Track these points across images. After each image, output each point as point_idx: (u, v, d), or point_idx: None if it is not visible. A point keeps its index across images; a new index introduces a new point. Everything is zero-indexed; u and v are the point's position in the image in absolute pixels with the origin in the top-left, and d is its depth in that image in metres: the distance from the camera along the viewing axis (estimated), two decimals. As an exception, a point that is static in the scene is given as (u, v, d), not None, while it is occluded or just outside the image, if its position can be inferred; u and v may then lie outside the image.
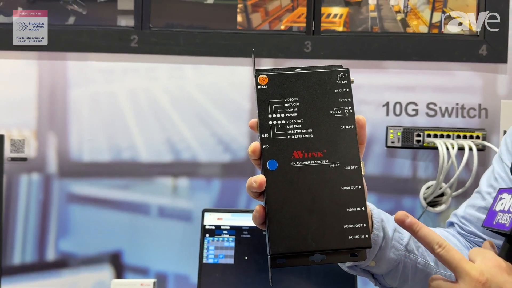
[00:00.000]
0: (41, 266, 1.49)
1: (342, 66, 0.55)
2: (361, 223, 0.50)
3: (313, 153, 0.52)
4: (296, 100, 0.53)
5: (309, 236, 0.50)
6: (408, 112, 1.50)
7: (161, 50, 1.49)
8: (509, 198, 0.52)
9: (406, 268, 0.66)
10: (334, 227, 0.50)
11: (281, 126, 0.52)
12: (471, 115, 1.49)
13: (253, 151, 0.51)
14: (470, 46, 1.48)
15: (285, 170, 0.51)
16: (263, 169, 0.51)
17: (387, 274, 0.67)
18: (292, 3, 1.52)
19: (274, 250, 0.49)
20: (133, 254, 1.50)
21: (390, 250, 0.64)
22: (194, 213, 1.49)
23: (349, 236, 0.50)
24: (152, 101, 1.51)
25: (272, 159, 0.51)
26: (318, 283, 1.32)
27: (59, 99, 1.50)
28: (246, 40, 1.50)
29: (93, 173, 1.50)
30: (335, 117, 0.53)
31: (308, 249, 0.50)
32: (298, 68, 0.54)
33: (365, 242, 0.50)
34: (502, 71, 1.48)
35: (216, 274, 1.32)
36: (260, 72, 0.53)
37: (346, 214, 0.51)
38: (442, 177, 1.43)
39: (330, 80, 0.53)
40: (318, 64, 1.60)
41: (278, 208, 0.51)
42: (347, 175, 0.51)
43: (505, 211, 0.52)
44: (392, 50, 1.49)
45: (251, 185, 0.51)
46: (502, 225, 0.51)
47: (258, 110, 0.53)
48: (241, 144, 1.50)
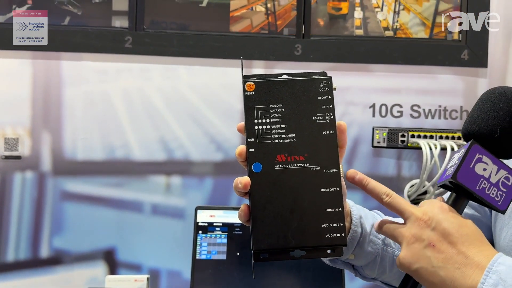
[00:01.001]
0: (35, 263, 1.51)
1: (326, 73, 0.57)
2: (337, 222, 0.54)
3: (295, 157, 0.55)
4: (281, 106, 0.56)
5: (289, 233, 0.53)
6: (393, 114, 1.56)
7: (154, 51, 1.53)
8: (457, 154, 0.57)
9: (384, 260, 0.71)
10: (313, 226, 0.54)
11: (266, 131, 0.55)
12: (453, 116, 1.56)
13: (239, 154, 0.55)
14: (452, 51, 1.55)
15: (269, 172, 0.55)
16: (249, 171, 0.55)
17: (366, 266, 0.71)
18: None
19: (256, 246, 0.53)
20: (126, 251, 1.53)
21: (368, 245, 0.68)
22: (186, 210, 1.52)
23: (327, 235, 0.54)
24: (145, 101, 1.54)
25: (257, 162, 0.55)
26: (307, 277, 1.37)
27: (53, 98, 1.52)
28: (238, 42, 1.54)
29: (87, 171, 1.52)
30: (317, 123, 0.56)
31: (288, 245, 0.53)
32: (285, 75, 0.57)
33: (341, 240, 0.54)
34: (483, 75, 1.55)
35: (209, 269, 1.36)
36: (247, 79, 0.56)
37: (324, 214, 0.54)
38: (425, 176, 1.49)
39: (314, 88, 0.56)
40: (307, 67, 1.65)
41: (261, 208, 0.54)
42: (326, 178, 0.55)
43: (452, 165, 0.57)
44: (379, 54, 1.55)
45: (237, 186, 0.54)
46: (447, 176, 0.56)
47: (245, 115, 0.56)
48: (233, 143, 1.54)
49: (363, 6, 1.60)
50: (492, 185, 0.55)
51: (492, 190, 0.55)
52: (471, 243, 0.53)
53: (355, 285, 1.53)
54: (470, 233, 0.54)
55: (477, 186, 0.54)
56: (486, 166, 0.55)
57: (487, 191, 0.54)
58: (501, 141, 0.55)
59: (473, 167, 0.54)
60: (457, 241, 0.53)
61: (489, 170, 0.55)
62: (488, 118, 0.55)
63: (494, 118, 0.55)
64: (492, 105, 0.56)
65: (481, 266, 0.51)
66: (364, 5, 1.59)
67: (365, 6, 1.59)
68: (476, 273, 0.51)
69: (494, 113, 0.55)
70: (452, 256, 0.52)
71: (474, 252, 0.52)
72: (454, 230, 0.53)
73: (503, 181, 0.55)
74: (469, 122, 0.57)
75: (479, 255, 0.52)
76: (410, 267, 0.54)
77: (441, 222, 0.54)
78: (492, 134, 0.55)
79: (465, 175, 0.54)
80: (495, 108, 0.55)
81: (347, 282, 1.38)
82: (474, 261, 0.52)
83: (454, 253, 0.52)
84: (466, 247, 0.53)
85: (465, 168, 0.54)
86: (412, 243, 0.54)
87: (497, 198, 0.55)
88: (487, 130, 0.55)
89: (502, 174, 0.55)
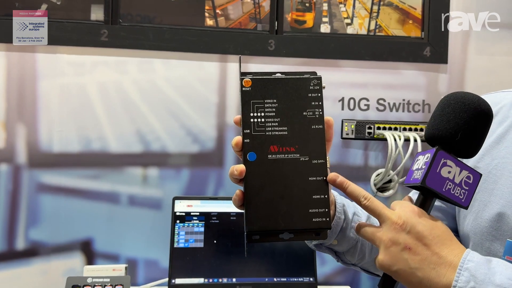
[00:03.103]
0: (11, 255, 1.50)
1: (316, 73, 0.62)
2: (323, 208, 0.59)
3: (287, 148, 0.60)
4: (275, 101, 0.61)
5: (279, 217, 0.59)
6: (360, 107, 1.64)
7: (130, 44, 1.54)
8: (422, 158, 0.63)
9: (364, 246, 0.77)
10: (301, 210, 0.59)
11: (261, 123, 0.60)
12: (415, 110, 1.66)
13: (236, 144, 0.60)
14: (415, 48, 1.64)
15: (262, 161, 0.59)
16: (244, 160, 0.60)
17: (347, 252, 0.78)
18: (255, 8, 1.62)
19: (249, 228, 0.58)
20: (103, 242, 1.54)
21: (350, 230, 0.74)
22: (164, 201, 1.56)
23: (313, 219, 0.59)
24: (122, 94, 1.55)
25: (251, 151, 0.60)
26: (281, 262, 1.43)
27: (28, 90, 1.52)
28: (214, 37, 1.58)
29: (63, 164, 1.53)
30: (307, 118, 0.61)
31: (278, 228, 0.59)
32: (279, 73, 0.62)
33: (326, 224, 0.59)
34: (443, 71, 1.65)
35: (187, 257, 1.40)
36: (245, 76, 0.62)
37: (311, 201, 0.59)
38: (390, 165, 1.58)
39: (305, 86, 0.61)
40: (280, 62, 1.72)
41: (254, 193, 0.59)
42: (314, 168, 0.60)
43: (419, 169, 0.61)
44: (347, 50, 1.62)
45: (233, 173, 0.59)
46: (416, 179, 0.61)
47: (242, 109, 0.60)
48: (209, 135, 1.58)
49: (332, 18, 1.63)
50: (456, 185, 0.59)
51: (456, 190, 0.59)
52: (443, 243, 0.57)
53: (326, 269, 1.61)
54: (441, 234, 0.58)
55: (443, 188, 0.59)
56: (450, 169, 0.59)
57: (452, 191, 0.59)
58: (462, 144, 0.60)
59: (439, 171, 0.59)
60: (431, 243, 0.57)
61: (453, 172, 0.59)
62: (450, 124, 0.60)
63: (455, 124, 0.60)
64: (453, 112, 0.61)
65: (453, 265, 0.56)
66: (333, 14, 1.63)
67: (334, 14, 1.63)
68: (449, 271, 0.56)
69: (454, 120, 0.60)
70: (427, 257, 0.57)
71: (446, 252, 0.57)
72: (427, 233, 0.57)
73: (465, 181, 0.60)
74: (432, 128, 0.62)
75: (450, 254, 0.57)
76: (390, 268, 0.58)
77: (415, 226, 0.58)
78: (454, 138, 0.60)
79: (433, 180, 0.59)
80: (455, 115, 0.60)
81: (319, 267, 1.46)
82: (447, 261, 0.56)
83: (429, 255, 0.57)
84: (439, 247, 0.57)
85: (432, 173, 0.59)
86: (389, 246, 0.58)
87: (460, 196, 0.60)
88: (450, 135, 0.60)
89: (464, 174, 0.60)
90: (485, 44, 1.65)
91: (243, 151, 0.60)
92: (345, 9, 1.65)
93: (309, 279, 1.42)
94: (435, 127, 0.62)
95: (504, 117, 0.78)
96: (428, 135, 0.63)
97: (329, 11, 1.64)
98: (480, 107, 0.61)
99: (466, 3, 1.64)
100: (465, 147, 0.61)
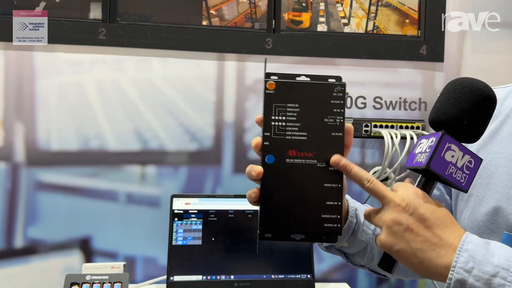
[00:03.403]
0: (9, 253, 1.51)
1: (341, 78, 0.62)
2: (335, 214, 0.60)
3: (305, 153, 0.61)
4: (297, 106, 0.61)
5: (292, 220, 0.60)
6: (357, 105, 1.65)
7: (128, 43, 1.55)
8: (426, 142, 0.63)
9: (373, 248, 0.79)
10: (314, 215, 0.60)
11: (281, 127, 0.61)
12: (412, 108, 1.67)
13: (255, 145, 0.61)
14: (412, 46, 1.65)
15: (280, 164, 0.60)
16: (262, 162, 0.61)
17: (357, 254, 0.79)
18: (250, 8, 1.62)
19: (262, 227, 0.60)
20: (102, 240, 1.55)
21: (361, 234, 0.76)
22: (162, 199, 1.56)
23: (325, 224, 0.60)
24: (119, 92, 1.56)
25: (270, 154, 0.61)
26: (279, 260, 1.44)
27: (26, 89, 1.52)
28: (211, 35, 1.58)
29: (61, 162, 1.53)
30: (328, 125, 0.61)
31: (290, 230, 0.60)
32: (303, 75, 0.62)
33: (336, 230, 0.60)
34: (439, 69, 1.66)
35: (185, 254, 1.41)
36: (269, 77, 0.62)
37: (325, 206, 0.60)
38: (387, 163, 1.59)
39: (328, 92, 0.62)
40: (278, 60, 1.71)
41: (270, 195, 0.60)
42: (330, 175, 0.61)
43: (422, 152, 0.62)
44: (344, 49, 1.63)
45: (250, 173, 0.61)
46: (419, 163, 0.62)
47: (264, 111, 0.61)
48: (207, 133, 1.59)
49: (328, 17, 1.64)
50: (458, 169, 0.61)
51: (458, 174, 0.61)
52: (444, 226, 0.59)
53: (323, 266, 1.62)
54: (443, 217, 0.59)
55: (446, 172, 0.60)
56: (454, 154, 0.61)
57: (454, 175, 0.61)
58: (467, 129, 0.62)
59: (444, 156, 0.60)
60: (432, 225, 0.58)
61: (456, 157, 0.61)
62: (456, 109, 0.61)
63: (461, 110, 0.61)
64: (459, 97, 0.62)
65: (453, 246, 0.57)
66: (330, 13, 1.64)
67: (331, 14, 1.64)
68: (449, 253, 0.57)
69: (461, 105, 0.61)
70: (429, 239, 0.58)
71: (447, 234, 0.58)
72: (429, 215, 0.59)
73: (467, 165, 0.61)
74: (438, 112, 0.63)
75: (451, 236, 0.58)
76: (392, 248, 0.59)
77: (418, 208, 0.59)
78: (460, 123, 0.61)
79: (437, 163, 0.60)
80: (462, 100, 0.61)
81: (316, 264, 1.47)
82: (447, 242, 0.58)
83: (430, 236, 0.58)
84: (441, 230, 0.58)
85: (437, 157, 0.60)
86: (391, 226, 0.59)
87: (461, 180, 0.61)
88: (456, 120, 0.61)
89: (466, 159, 0.61)
90: (481, 43, 1.67)
91: (261, 152, 0.61)
92: (342, 9, 1.65)
93: (307, 276, 1.43)
94: (441, 112, 0.63)
95: (497, 113, 0.79)
96: (434, 120, 0.64)
97: (326, 10, 1.65)
98: (485, 92, 0.62)
99: (464, 3, 1.65)
100: (470, 132, 0.62)
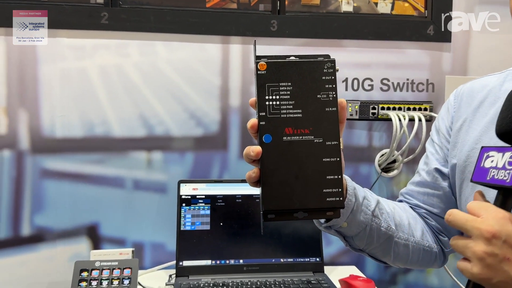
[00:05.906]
0: (17, 241, 1.50)
1: (329, 56, 0.63)
2: (337, 188, 0.61)
3: (301, 130, 0.61)
4: (290, 84, 0.62)
5: (294, 197, 0.60)
6: (364, 87, 1.64)
7: (131, 27, 1.52)
8: (500, 155, 0.59)
9: (372, 230, 0.78)
10: (315, 190, 0.61)
11: (276, 106, 0.61)
12: (419, 89, 1.65)
13: (251, 126, 0.61)
14: (419, 26, 1.63)
15: (277, 143, 0.61)
16: (259, 142, 0.61)
17: (356, 236, 0.79)
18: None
19: (265, 207, 0.60)
20: (109, 226, 1.54)
21: (360, 214, 0.76)
22: (168, 185, 1.55)
23: (327, 198, 0.60)
24: (123, 77, 1.54)
25: (267, 133, 0.61)
26: (287, 243, 1.44)
27: (29, 75, 1.50)
28: (215, 18, 1.56)
29: (67, 149, 1.52)
30: (321, 100, 0.62)
31: (293, 207, 0.60)
32: (292, 56, 0.63)
33: (339, 203, 0.61)
34: (447, 50, 1.64)
35: (193, 239, 1.40)
36: (259, 59, 0.62)
37: (325, 181, 0.61)
38: (395, 145, 1.58)
39: (319, 69, 0.62)
40: (283, 43, 1.69)
41: (270, 174, 0.60)
42: (328, 149, 0.61)
43: (501, 168, 0.58)
44: (350, 30, 1.61)
45: (249, 154, 0.60)
46: (502, 181, 0.57)
47: (257, 92, 0.61)
48: (212, 118, 1.57)
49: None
50: None
51: None
52: None
53: (332, 250, 1.62)
54: None
55: None
56: None
57: None
58: None
59: None
60: None
61: None
62: None
63: None
64: None
65: None
66: None
67: None
68: None
69: None
70: None
71: None
72: None
73: None
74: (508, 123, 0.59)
75: None
76: (489, 282, 0.55)
77: (510, 234, 0.55)
78: None
79: None
80: None
81: (325, 247, 1.47)
82: None
83: None
84: None
85: None
86: (484, 258, 0.55)
87: None
88: None
89: None
90: (489, 22, 1.64)
91: (258, 133, 0.61)
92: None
93: (316, 259, 1.42)
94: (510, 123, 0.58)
95: (496, 98, 0.80)
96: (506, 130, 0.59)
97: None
98: None
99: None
100: None
